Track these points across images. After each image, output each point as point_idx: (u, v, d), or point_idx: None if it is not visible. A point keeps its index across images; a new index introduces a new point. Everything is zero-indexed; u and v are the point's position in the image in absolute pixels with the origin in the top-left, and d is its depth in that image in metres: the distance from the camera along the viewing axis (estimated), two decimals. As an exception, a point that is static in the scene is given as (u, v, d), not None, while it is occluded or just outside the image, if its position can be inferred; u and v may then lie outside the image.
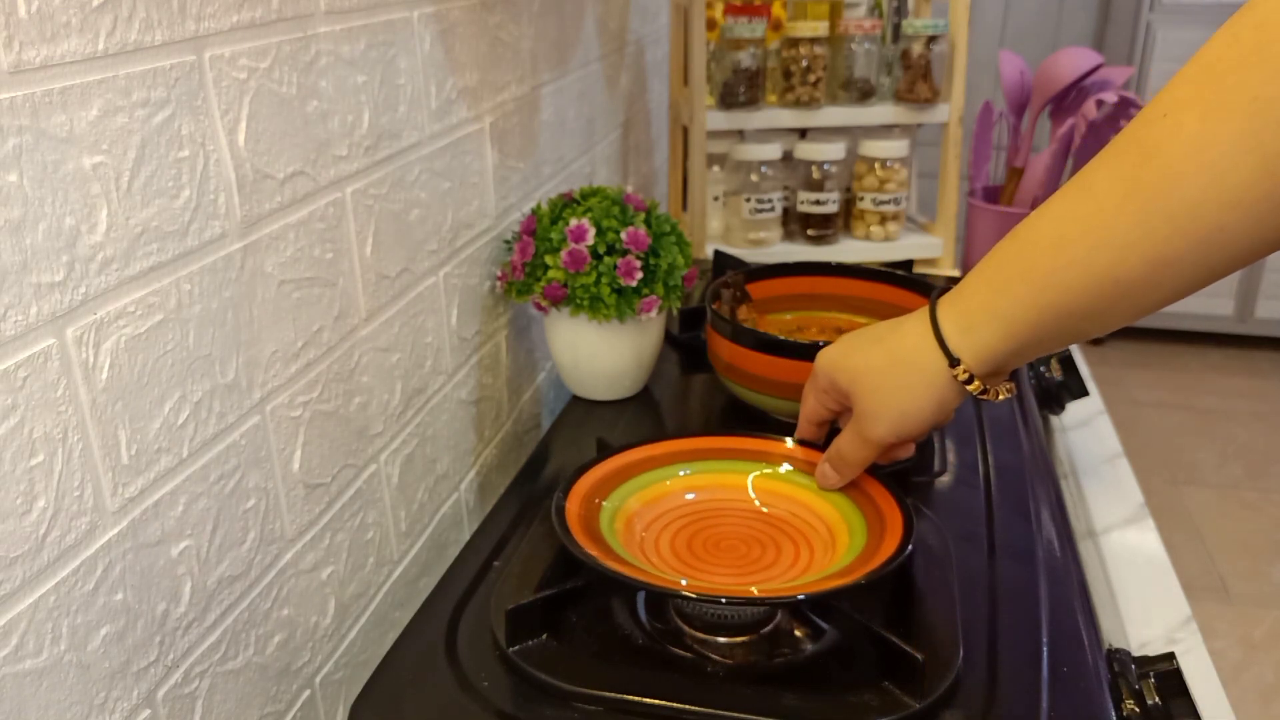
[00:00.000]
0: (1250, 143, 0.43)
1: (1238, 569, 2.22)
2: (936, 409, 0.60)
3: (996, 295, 0.55)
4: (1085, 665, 0.59)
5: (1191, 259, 0.47)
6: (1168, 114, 0.46)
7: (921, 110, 1.33)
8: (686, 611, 0.62)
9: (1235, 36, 0.44)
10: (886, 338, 0.61)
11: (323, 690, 0.67)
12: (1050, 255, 0.51)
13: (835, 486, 0.67)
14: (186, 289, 0.50)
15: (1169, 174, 0.46)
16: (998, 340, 0.55)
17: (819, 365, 0.65)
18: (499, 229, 0.89)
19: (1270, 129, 0.42)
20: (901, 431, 0.61)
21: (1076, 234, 0.50)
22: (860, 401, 0.62)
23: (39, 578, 0.43)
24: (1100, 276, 0.49)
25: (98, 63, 0.43)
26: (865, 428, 0.62)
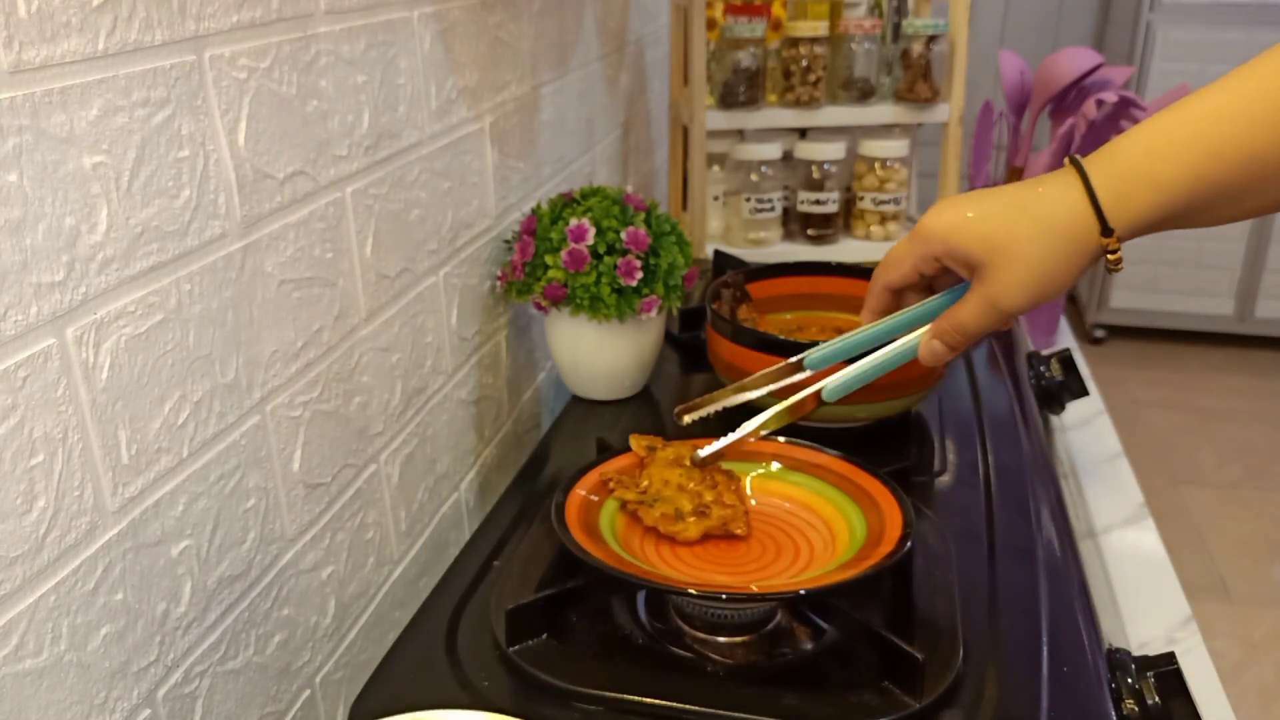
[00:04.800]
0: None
1: (1238, 569, 2.22)
2: (1076, 274, 0.57)
3: (1157, 161, 0.53)
4: (1085, 665, 0.59)
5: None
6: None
7: (921, 110, 1.33)
8: (687, 611, 0.62)
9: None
10: (1030, 204, 0.57)
11: (323, 690, 0.67)
12: (1214, 124, 0.52)
13: (944, 360, 0.62)
14: (186, 289, 0.50)
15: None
16: (1151, 209, 0.54)
17: (934, 232, 0.59)
18: (499, 229, 0.89)
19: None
20: (1040, 301, 0.58)
21: (1239, 107, 0.51)
22: (1000, 271, 0.57)
23: (39, 578, 0.43)
24: (1254, 151, 0.51)
25: (98, 63, 0.43)
26: (1002, 297, 0.57)
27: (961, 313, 0.59)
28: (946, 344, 0.61)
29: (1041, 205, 0.56)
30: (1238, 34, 2.78)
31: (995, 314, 0.58)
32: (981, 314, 0.59)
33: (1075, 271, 0.56)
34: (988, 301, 0.58)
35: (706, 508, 0.66)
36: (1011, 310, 0.58)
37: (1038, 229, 0.56)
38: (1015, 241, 0.56)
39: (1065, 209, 0.55)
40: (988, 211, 0.58)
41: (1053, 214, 0.56)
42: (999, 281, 0.57)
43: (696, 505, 0.66)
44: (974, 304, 0.59)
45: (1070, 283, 0.57)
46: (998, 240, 0.57)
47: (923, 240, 0.60)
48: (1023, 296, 0.57)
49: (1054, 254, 0.56)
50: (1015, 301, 0.57)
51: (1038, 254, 0.56)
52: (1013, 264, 0.56)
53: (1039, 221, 0.56)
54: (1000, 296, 0.57)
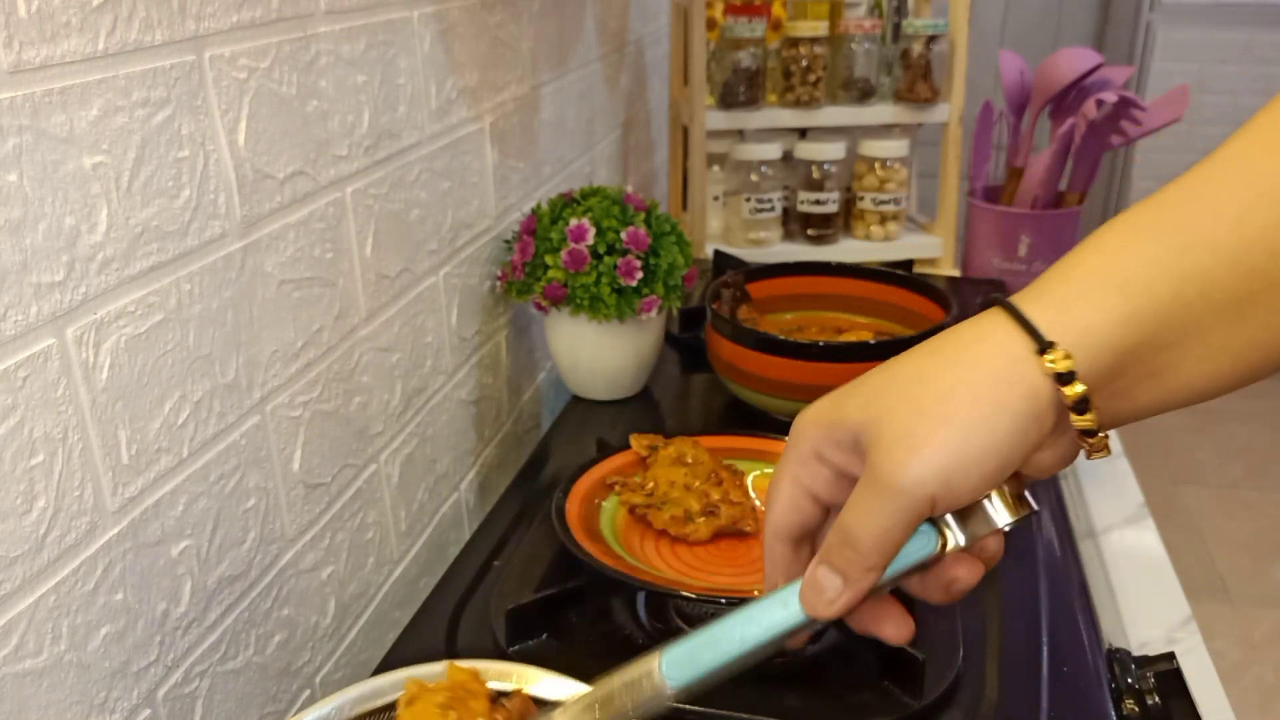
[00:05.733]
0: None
1: (1238, 569, 2.22)
2: (1010, 431, 0.36)
3: (1113, 256, 0.37)
4: (1085, 665, 0.59)
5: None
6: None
7: (921, 110, 1.33)
8: (687, 611, 0.62)
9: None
10: (919, 349, 0.40)
11: (323, 690, 0.67)
12: (1191, 204, 0.36)
13: (836, 608, 0.39)
14: (186, 289, 0.50)
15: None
16: (1113, 318, 0.36)
17: (800, 426, 0.41)
18: (499, 229, 0.89)
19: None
20: (950, 468, 0.36)
21: (1228, 184, 0.36)
22: (883, 431, 0.37)
23: (39, 577, 0.43)
24: (1254, 240, 0.35)
25: (98, 63, 0.43)
26: (891, 467, 0.37)
27: (845, 517, 0.38)
28: (836, 568, 0.39)
29: (936, 342, 0.39)
30: (1238, 34, 2.78)
31: (887, 497, 0.37)
32: (870, 503, 0.37)
33: (1009, 414, 0.36)
34: (874, 483, 0.37)
35: (715, 507, 0.66)
36: (907, 486, 0.36)
37: (931, 362, 0.38)
38: (900, 384, 0.39)
39: (970, 333, 0.38)
40: (864, 377, 0.41)
41: (951, 342, 0.39)
42: (882, 448, 0.37)
43: (705, 505, 0.66)
44: (858, 493, 0.38)
45: (1013, 439, 0.36)
46: (873, 394, 0.39)
47: (794, 441, 0.41)
48: (921, 459, 0.36)
49: (964, 388, 0.37)
50: (910, 468, 0.36)
51: (934, 392, 0.37)
52: (897, 415, 0.38)
53: (932, 355, 0.39)
54: (888, 467, 0.37)
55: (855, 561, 0.38)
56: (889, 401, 0.38)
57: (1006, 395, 0.36)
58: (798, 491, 0.41)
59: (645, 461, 0.71)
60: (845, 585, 0.38)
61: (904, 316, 0.94)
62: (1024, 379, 0.36)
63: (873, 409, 0.38)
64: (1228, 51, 2.82)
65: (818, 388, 0.86)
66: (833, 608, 0.39)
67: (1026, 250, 1.27)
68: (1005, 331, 0.37)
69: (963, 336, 0.39)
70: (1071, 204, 1.27)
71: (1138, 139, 1.22)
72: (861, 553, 0.38)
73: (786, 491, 0.41)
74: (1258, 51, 2.81)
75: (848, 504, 0.38)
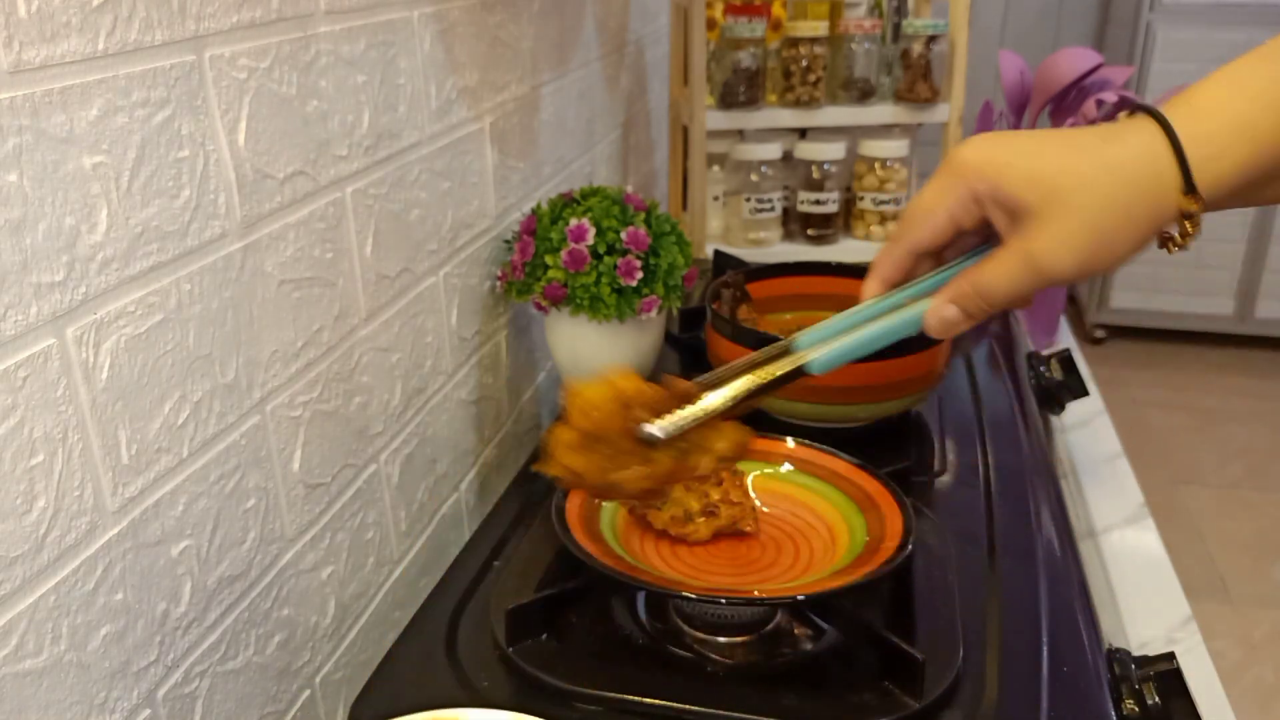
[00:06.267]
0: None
1: (1238, 569, 2.22)
2: (1141, 244, 0.45)
3: (1257, 109, 0.43)
4: (1085, 665, 0.59)
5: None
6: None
7: (921, 110, 1.33)
8: (687, 611, 0.62)
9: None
10: (1096, 146, 0.45)
11: (323, 690, 0.67)
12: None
13: (956, 331, 0.50)
14: (186, 289, 0.50)
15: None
16: (1242, 169, 0.44)
17: (977, 166, 0.47)
18: (499, 229, 0.89)
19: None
20: (1091, 270, 0.46)
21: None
22: (1051, 222, 0.45)
23: (39, 577, 0.43)
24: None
25: (98, 63, 0.43)
26: (1047, 255, 0.45)
27: (988, 272, 0.47)
28: (964, 310, 0.48)
29: (1110, 148, 0.45)
30: (1238, 34, 2.78)
31: (1032, 275, 0.46)
32: (1015, 274, 0.46)
33: (1139, 238, 0.45)
34: (1027, 259, 0.46)
35: (715, 507, 0.66)
36: (1054, 273, 0.46)
37: (1106, 175, 0.45)
38: (1077, 186, 0.45)
39: (1142, 157, 0.44)
40: (1042, 148, 0.46)
41: (1127, 161, 0.45)
42: (1047, 235, 0.45)
43: (705, 505, 0.66)
44: (1008, 261, 0.46)
45: (1130, 253, 0.46)
46: (1054, 181, 0.45)
47: (962, 177, 0.47)
48: (1072, 258, 0.45)
49: (1121, 209, 0.44)
50: (1062, 263, 0.45)
51: (1100, 205, 0.44)
52: (1069, 214, 0.45)
53: (1109, 167, 0.45)
54: (1044, 254, 0.45)
55: (983, 308, 0.48)
56: (1060, 197, 0.45)
57: (1148, 218, 0.45)
58: (946, 220, 0.49)
59: None
60: (965, 320, 0.49)
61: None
62: (1163, 209, 0.44)
63: (1043, 192, 0.45)
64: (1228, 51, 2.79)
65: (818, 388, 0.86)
66: (951, 332, 0.50)
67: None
68: (1163, 160, 0.44)
69: (1121, 142, 0.45)
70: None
71: (1138, 139, 1.22)
72: (991, 304, 0.48)
73: (938, 219, 0.49)
74: (1258, 51, 2.81)
75: (992, 265, 0.47)
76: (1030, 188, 0.45)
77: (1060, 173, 0.45)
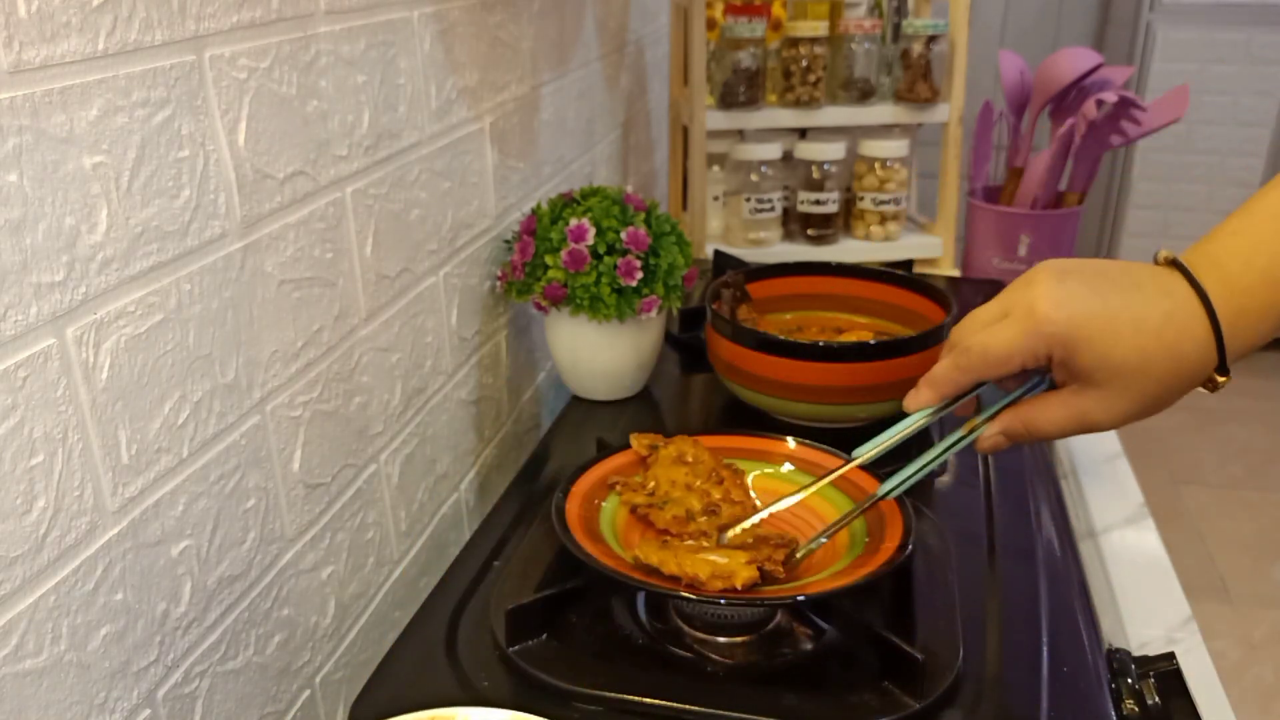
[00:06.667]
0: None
1: (1238, 569, 2.22)
2: (1170, 404, 0.53)
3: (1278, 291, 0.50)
4: (1085, 665, 0.59)
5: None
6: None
7: (921, 110, 1.33)
8: (686, 611, 0.62)
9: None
10: (1160, 327, 0.51)
11: (323, 690, 0.67)
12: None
13: (998, 450, 0.59)
14: (186, 289, 0.50)
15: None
16: (1260, 340, 0.51)
17: (1058, 328, 0.52)
18: (499, 229, 0.89)
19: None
20: (1129, 423, 0.53)
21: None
22: (1111, 394, 0.52)
23: (39, 578, 0.43)
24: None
25: (98, 63, 0.43)
26: (1097, 416, 0.53)
27: (1042, 417, 0.55)
28: (1012, 439, 0.57)
29: (1172, 334, 0.51)
30: (1238, 34, 2.78)
31: (1078, 427, 0.54)
32: (1065, 423, 0.54)
33: (1170, 404, 0.53)
34: (1079, 415, 0.53)
35: (716, 506, 0.66)
36: (1098, 429, 0.53)
37: (1167, 363, 0.51)
38: (1141, 372, 0.51)
39: (1193, 344, 0.51)
40: (1123, 330, 0.51)
41: (1183, 349, 0.51)
42: (1104, 402, 0.52)
43: (706, 504, 0.66)
44: (1061, 412, 0.54)
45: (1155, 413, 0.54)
46: (1123, 364, 0.51)
47: (1044, 337, 0.52)
48: (1117, 420, 0.53)
49: (1168, 388, 0.51)
50: (1107, 423, 0.53)
51: (1156, 390, 0.51)
52: (1127, 391, 0.52)
53: (1170, 354, 0.51)
54: (1096, 415, 0.53)
55: (1028, 440, 0.56)
56: (1123, 378, 0.51)
57: (1188, 388, 0.52)
58: (1019, 364, 0.54)
59: (646, 461, 0.71)
60: (1010, 444, 0.57)
61: (904, 317, 0.94)
62: (1199, 380, 0.52)
63: (1113, 374, 0.51)
64: (1227, 51, 2.82)
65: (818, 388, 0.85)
66: (994, 451, 0.59)
67: (1026, 250, 1.27)
68: (1206, 344, 0.50)
69: (1178, 325, 0.51)
70: (1071, 204, 1.27)
71: (1138, 139, 1.22)
72: (1036, 439, 0.56)
73: (1014, 365, 0.54)
74: (1257, 51, 2.81)
75: (1045, 409, 0.54)
76: (1101, 365, 0.51)
77: (1129, 357, 0.51)
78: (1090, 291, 0.52)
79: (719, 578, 0.58)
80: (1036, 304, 0.52)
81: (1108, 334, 0.51)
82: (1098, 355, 0.51)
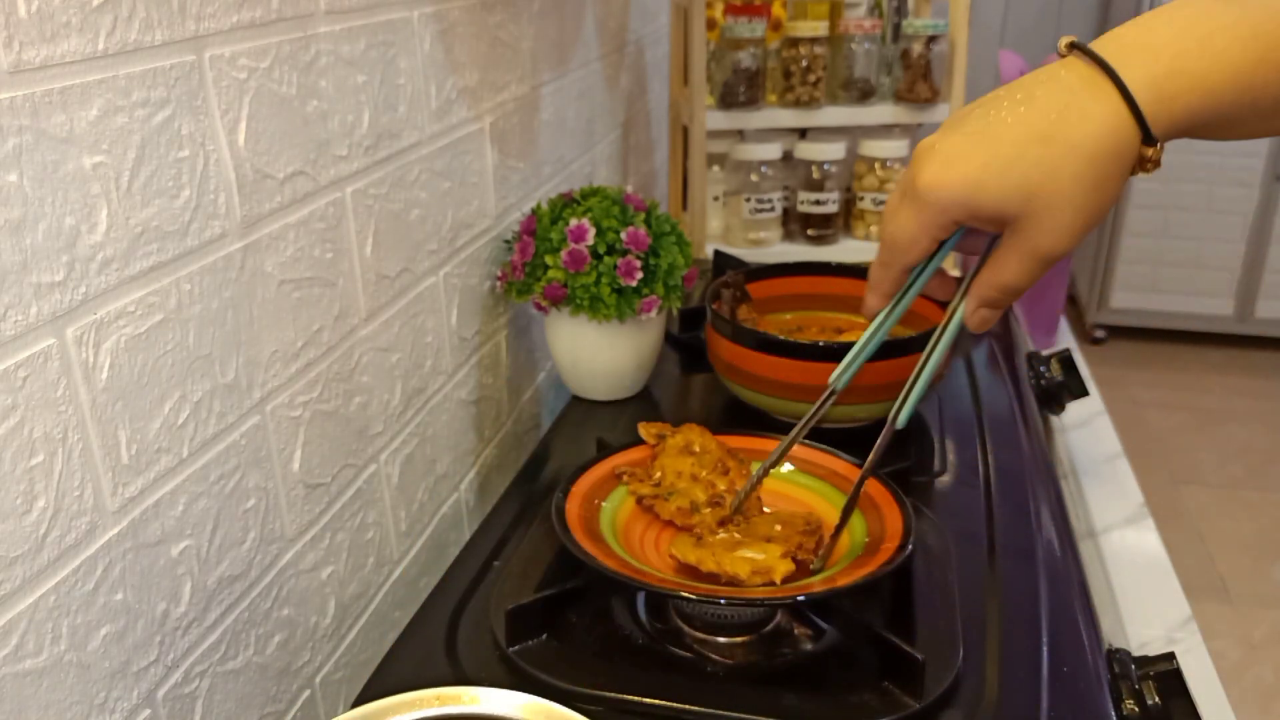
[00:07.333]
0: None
1: (1238, 569, 2.22)
2: (1118, 194, 0.49)
3: (1209, 60, 0.45)
4: (1085, 665, 0.59)
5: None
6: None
7: (921, 110, 1.33)
8: (686, 611, 0.62)
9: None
10: (1057, 131, 0.47)
11: (323, 690, 0.67)
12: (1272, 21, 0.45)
13: (994, 321, 0.55)
14: (186, 289, 0.50)
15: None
16: (1193, 114, 0.46)
17: (949, 196, 0.49)
18: (499, 229, 0.89)
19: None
20: (1087, 234, 0.50)
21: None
22: (1042, 220, 0.48)
23: (39, 578, 0.43)
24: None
25: (98, 63, 0.43)
26: (1049, 247, 0.49)
27: (1004, 272, 0.51)
28: (994, 306, 0.53)
29: (1073, 130, 0.47)
30: (1238, 34, 2.77)
31: (1042, 265, 0.50)
32: (1027, 269, 0.50)
33: (1116, 193, 0.48)
34: (1032, 254, 0.50)
35: (720, 497, 0.67)
36: (1059, 256, 0.50)
37: (1078, 162, 0.47)
38: (1055, 184, 0.47)
39: (1104, 128, 0.46)
40: (1007, 155, 0.48)
41: (1090, 138, 0.47)
42: (1042, 231, 0.49)
43: (711, 495, 0.67)
44: (1015, 258, 0.50)
45: (1112, 204, 0.49)
46: (1032, 187, 0.48)
47: (937, 209, 0.50)
48: (1071, 238, 0.49)
49: (1097, 183, 0.47)
50: (1064, 247, 0.49)
51: (1080, 188, 0.47)
52: (1056, 210, 0.48)
53: (1077, 151, 0.47)
54: (1047, 246, 0.49)
55: (1008, 299, 0.52)
56: (1041, 199, 0.48)
57: (1122, 175, 0.47)
58: (930, 242, 0.52)
59: (654, 451, 0.72)
60: (998, 312, 0.54)
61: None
62: (1130, 161, 0.47)
63: (1026, 200, 0.48)
64: (1228, 51, 2.81)
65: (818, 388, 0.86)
66: (990, 324, 0.54)
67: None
68: (1122, 122, 0.46)
69: (1078, 117, 0.47)
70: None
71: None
72: (1015, 295, 0.52)
73: (922, 244, 0.52)
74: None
75: (1002, 265, 0.51)
76: (1010, 201, 0.48)
77: (1033, 175, 0.47)
78: (967, 140, 0.49)
79: (759, 574, 0.58)
80: (917, 179, 0.50)
81: (998, 167, 0.48)
82: (999, 195, 0.48)
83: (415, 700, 0.46)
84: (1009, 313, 1.12)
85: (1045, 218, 0.48)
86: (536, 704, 0.46)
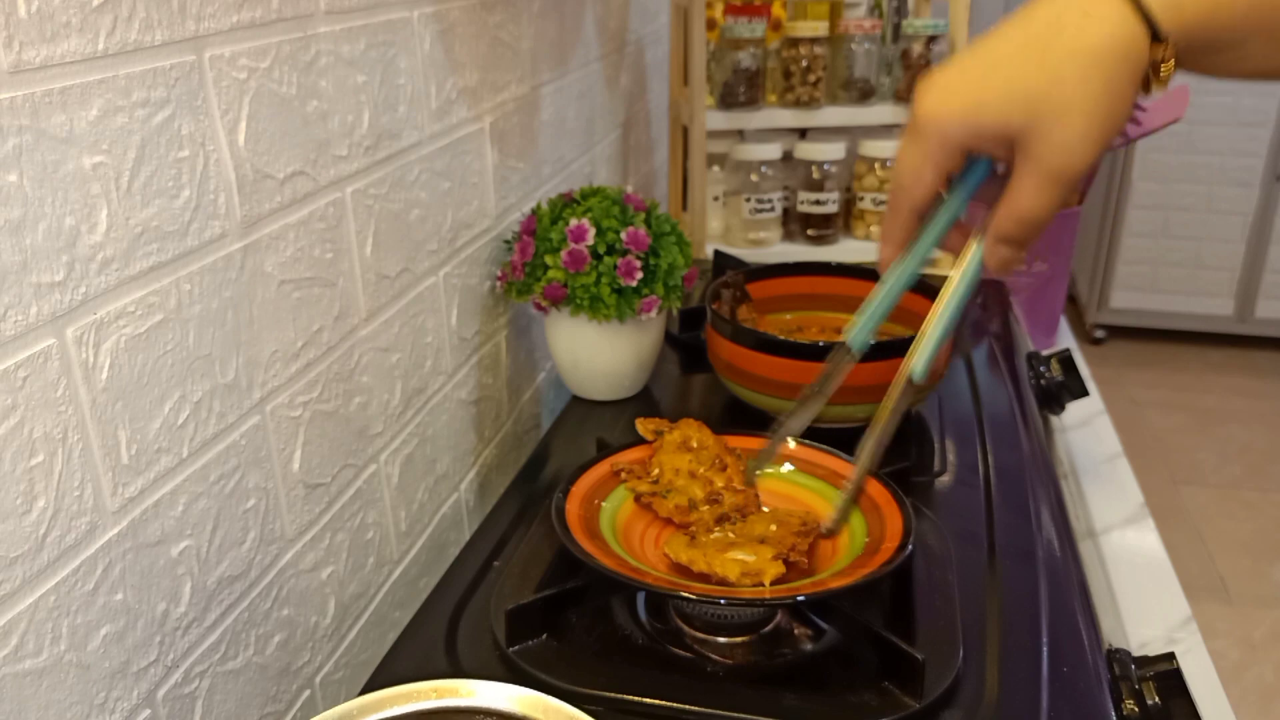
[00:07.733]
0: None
1: (1238, 569, 2.22)
2: (1133, 100, 0.46)
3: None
4: (1085, 665, 0.59)
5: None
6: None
7: (921, 110, 1.33)
8: (686, 611, 0.62)
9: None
10: (1057, 37, 0.45)
11: (323, 690, 0.67)
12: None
13: (1017, 263, 0.51)
14: (186, 289, 0.50)
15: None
16: (1203, 18, 0.44)
17: (949, 122, 0.48)
18: (499, 229, 0.89)
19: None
20: (1104, 147, 0.46)
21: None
22: (1052, 132, 0.45)
23: (39, 578, 0.43)
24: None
25: (98, 63, 0.43)
26: (1064, 162, 0.46)
27: (1020, 201, 0.48)
28: (1014, 243, 0.49)
29: (1074, 32, 0.45)
30: (1238, 34, 2.77)
31: (1060, 185, 0.47)
32: (1044, 191, 0.47)
33: (1130, 99, 0.45)
34: (1047, 174, 0.46)
35: (719, 495, 0.67)
36: (1077, 173, 0.46)
37: (1082, 64, 0.45)
38: (1060, 89, 0.45)
39: (1107, 26, 0.44)
40: (1008, 68, 0.46)
41: (1094, 37, 0.44)
42: (1054, 145, 0.46)
43: (709, 493, 0.67)
44: (1031, 184, 0.47)
45: (1128, 113, 0.46)
46: (1036, 95, 0.45)
47: (939, 135, 0.48)
48: (1087, 151, 0.46)
49: (1107, 89, 0.44)
50: (1080, 160, 0.46)
51: (1088, 95, 0.45)
52: (1065, 118, 0.45)
53: (1080, 54, 0.45)
54: (1061, 162, 0.46)
55: (1030, 233, 0.48)
56: (1048, 108, 0.45)
57: (1133, 78, 0.45)
58: (936, 176, 0.49)
59: (652, 448, 0.72)
60: (1020, 250, 0.50)
61: (904, 317, 0.94)
62: (1141, 65, 0.44)
63: (1031, 112, 0.45)
64: (1228, 51, 2.81)
65: (818, 388, 0.84)
66: (1015, 266, 0.51)
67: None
68: (1126, 20, 0.44)
69: (1094, 28, 0.44)
70: (1071, 204, 1.27)
71: (1138, 139, 1.22)
72: (1037, 227, 0.48)
73: (928, 179, 0.49)
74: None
75: (1019, 193, 0.47)
76: (1014, 115, 0.46)
77: (1034, 83, 0.45)
78: (964, 66, 0.48)
79: (748, 575, 0.58)
80: (917, 110, 0.48)
81: (998, 82, 0.46)
82: (1000, 109, 0.46)
83: (413, 692, 0.46)
84: (1009, 313, 1.12)
85: (1055, 129, 0.45)
86: (532, 697, 0.46)
